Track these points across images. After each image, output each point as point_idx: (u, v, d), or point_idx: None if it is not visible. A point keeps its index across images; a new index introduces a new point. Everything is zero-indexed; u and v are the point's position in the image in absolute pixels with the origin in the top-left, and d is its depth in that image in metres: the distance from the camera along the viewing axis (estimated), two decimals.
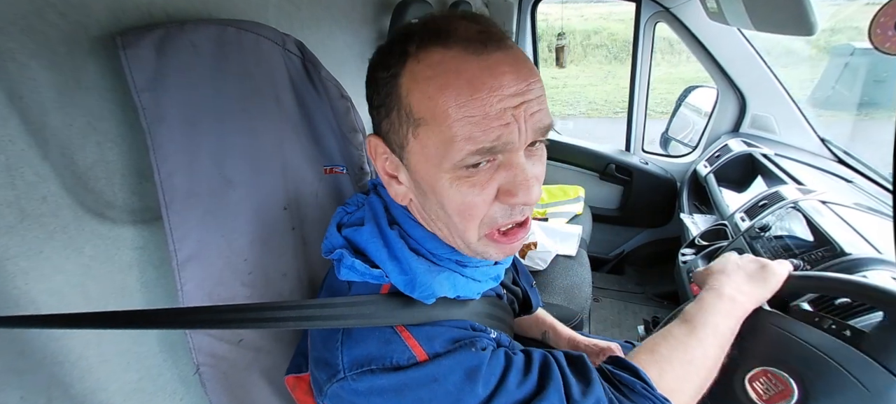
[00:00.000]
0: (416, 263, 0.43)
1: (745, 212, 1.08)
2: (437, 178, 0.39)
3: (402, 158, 0.41)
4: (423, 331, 0.42)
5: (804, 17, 0.82)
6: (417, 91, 0.37)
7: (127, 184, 0.52)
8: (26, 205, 0.43)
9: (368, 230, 0.45)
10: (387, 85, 0.39)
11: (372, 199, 0.48)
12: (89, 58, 0.47)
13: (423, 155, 0.39)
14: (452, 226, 0.42)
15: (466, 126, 0.36)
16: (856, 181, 1.15)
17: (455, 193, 0.39)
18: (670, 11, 1.57)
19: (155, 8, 0.53)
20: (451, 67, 0.36)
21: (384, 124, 0.41)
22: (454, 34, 0.37)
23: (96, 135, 0.49)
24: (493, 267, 0.50)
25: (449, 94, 0.36)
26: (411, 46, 0.38)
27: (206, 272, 0.54)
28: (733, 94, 1.55)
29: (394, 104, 0.39)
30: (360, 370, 0.39)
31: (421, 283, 0.42)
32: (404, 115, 0.39)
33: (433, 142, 0.38)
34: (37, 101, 0.43)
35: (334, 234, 0.47)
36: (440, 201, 0.40)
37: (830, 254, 0.77)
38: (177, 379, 0.59)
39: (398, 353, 0.39)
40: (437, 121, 0.37)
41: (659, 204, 1.77)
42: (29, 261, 0.43)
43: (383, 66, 0.40)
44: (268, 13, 0.72)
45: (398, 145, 0.41)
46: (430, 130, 0.37)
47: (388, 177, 0.44)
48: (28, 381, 0.45)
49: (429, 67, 0.37)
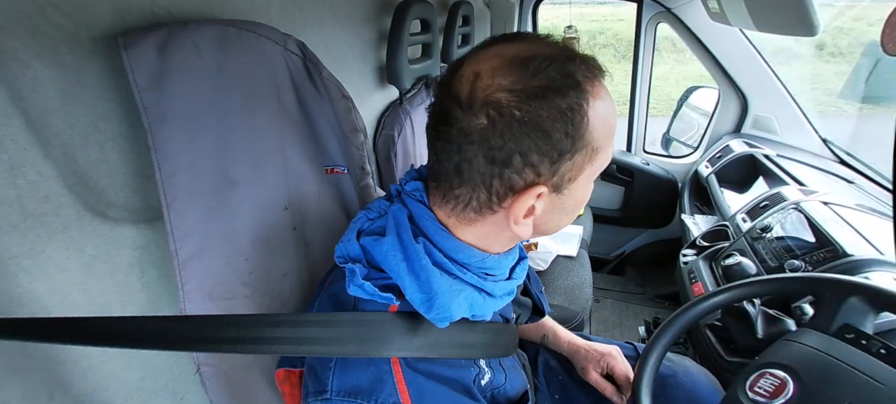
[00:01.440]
0: (439, 281, 0.41)
1: (746, 213, 1.08)
2: (588, 188, 0.44)
3: (562, 190, 0.41)
4: (417, 382, 0.41)
5: (806, 17, 0.82)
6: (603, 124, 0.39)
7: (128, 183, 0.52)
8: (28, 205, 0.43)
9: (389, 242, 0.42)
10: (576, 129, 0.37)
11: (395, 209, 0.45)
12: (91, 57, 0.47)
13: (591, 175, 0.42)
14: (569, 219, 0.46)
15: (613, 136, 0.42)
16: (857, 182, 1.15)
17: (591, 188, 0.44)
18: (672, 12, 1.57)
19: (157, 8, 0.53)
20: (608, 96, 0.40)
21: (563, 167, 0.39)
22: (598, 66, 0.40)
23: (98, 135, 0.49)
24: (506, 282, 0.48)
25: (613, 117, 0.41)
26: (586, 83, 0.38)
27: (207, 271, 0.54)
28: (735, 95, 1.55)
29: (581, 144, 0.38)
30: (345, 399, 0.39)
31: (440, 304, 0.40)
32: (589, 150, 0.40)
33: (602, 159, 0.42)
34: (39, 101, 0.43)
35: (352, 242, 0.45)
36: (576, 205, 0.44)
37: (832, 256, 0.77)
38: (178, 378, 0.59)
39: (385, 396, 0.39)
40: (608, 141, 0.41)
41: (660, 204, 1.77)
42: (31, 260, 0.43)
43: (570, 110, 0.37)
44: (270, 13, 0.72)
45: (570, 180, 0.40)
46: (604, 151, 0.41)
47: (524, 220, 0.41)
48: (30, 379, 0.45)
49: (603, 100, 0.39)
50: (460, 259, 0.43)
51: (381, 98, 1.17)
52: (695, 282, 0.97)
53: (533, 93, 0.36)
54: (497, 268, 0.46)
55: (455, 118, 0.38)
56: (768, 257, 0.88)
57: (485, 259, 0.44)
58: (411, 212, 0.44)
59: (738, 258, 0.91)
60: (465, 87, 0.38)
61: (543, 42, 0.39)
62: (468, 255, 0.44)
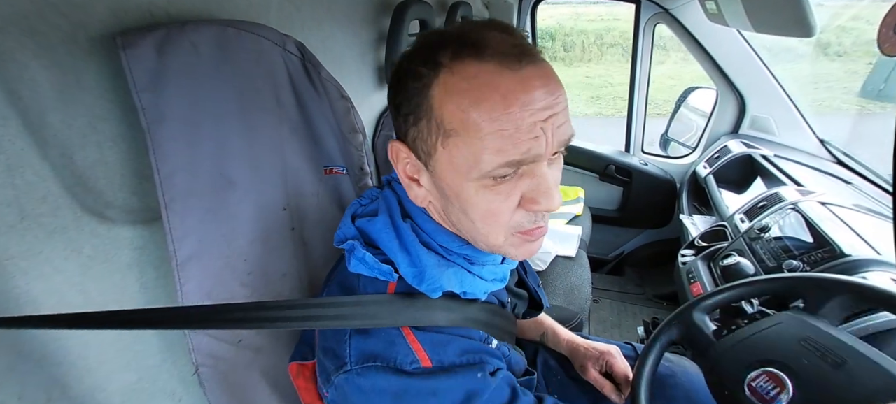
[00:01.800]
0: (427, 257, 0.44)
1: (744, 214, 1.08)
2: (463, 187, 0.39)
3: (426, 164, 0.42)
4: (429, 337, 0.42)
5: (803, 18, 0.82)
6: (451, 103, 0.37)
7: (127, 184, 0.52)
8: (26, 205, 0.43)
9: (381, 221, 0.46)
10: (418, 94, 0.39)
11: (386, 193, 0.49)
12: (89, 58, 0.47)
13: (451, 164, 0.39)
14: (476, 230, 0.42)
15: (498, 139, 0.36)
16: (855, 182, 1.15)
17: (481, 201, 0.40)
18: (670, 12, 1.57)
19: (156, 8, 0.53)
20: (486, 81, 0.36)
21: (411, 131, 0.41)
22: (489, 46, 0.37)
23: (96, 135, 0.49)
24: (499, 266, 0.50)
25: (483, 109, 0.36)
26: (444, 57, 0.38)
27: (205, 272, 0.54)
28: (732, 96, 1.55)
29: (424, 113, 0.39)
30: (365, 364, 0.40)
31: (429, 276, 0.43)
32: (435, 125, 0.39)
33: (463, 152, 0.38)
34: (37, 101, 0.43)
35: (348, 224, 0.48)
36: (464, 208, 0.41)
37: (830, 256, 0.77)
38: (176, 379, 0.59)
39: (402, 355, 0.40)
40: (468, 133, 0.37)
41: (658, 205, 1.77)
42: (28, 260, 0.43)
43: (414, 75, 0.39)
44: (269, 14, 0.72)
45: (424, 152, 0.41)
46: (461, 141, 0.38)
47: (409, 180, 0.44)
48: (27, 381, 0.45)
49: (463, 80, 0.37)
50: (442, 242, 0.46)
51: (380, 99, 1.17)
52: (693, 283, 0.97)
53: (404, 54, 0.42)
54: (479, 256, 0.48)
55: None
56: (766, 257, 0.89)
57: (464, 245, 0.46)
58: (399, 196, 0.48)
59: (737, 258, 0.91)
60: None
61: (464, 25, 0.41)
62: (448, 240, 0.46)
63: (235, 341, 0.60)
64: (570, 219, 1.59)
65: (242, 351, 0.61)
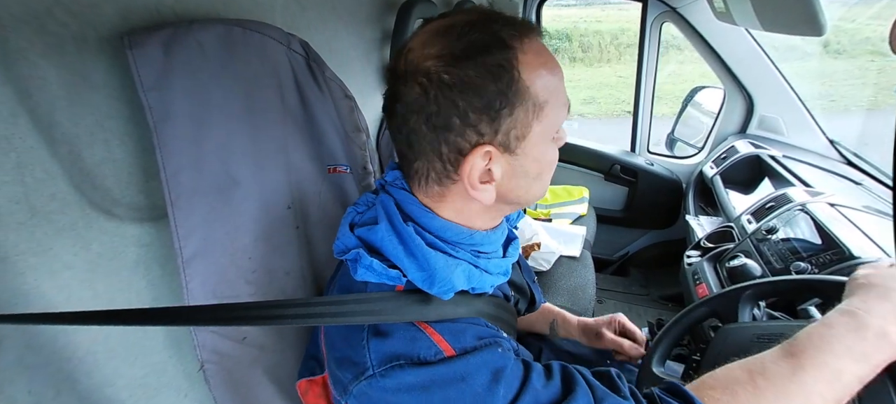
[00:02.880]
0: (434, 258, 0.42)
1: (751, 214, 1.07)
2: (548, 150, 0.45)
3: (516, 150, 0.42)
4: (445, 327, 0.42)
5: (814, 17, 0.81)
6: (538, 79, 0.41)
7: (134, 181, 0.53)
8: (35, 202, 0.43)
9: (383, 228, 0.44)
10: (509, 86, 0.39)
11: (383, 198, 0.47)
12: (98, 57, 0.48)
13: (543, 135, 0.43)
14: (541, 187, 0.46)
15: (564, 94, 0.44)
16: (865, 183, 1.13)
17: (552, 152, 0.45)
18: (677, 11, 1.56)
19: (163, 7, 0.54)
20: (546, 51, 0.42)
21: (505, 124, 0.40)
22: (528, 25, 0.42)
23: (104, 134, 0.49)
24: (502, 260, 0.50)
25: (556, 74, 0.42)
26: (512, 40, 0.40)
27: (210, 269, 0.55)
28: (740, 95, 1.53)
29: (519, 100, 0.40)
30: (388, 366, 0.39)
31: (440, 279, 0.42)
32: (531, 105, 0.41)
33: (551, 119, 0.43)
34: (46, 100, 0.43)
35: (347, 235, 0.46)
36: (541, 171, 0.45)
37: (838, 258, 0.76)
38: (182, 375, 0.60)
39: (425, 349, 0.39)
40: (555, 98, 0.42)
41: (664, 205, 1.76)
42: (38, 257, 0.44)
43: (496, 66, 0.38)
44: (274, 13, 0.72)
45: (518, 137, 0.41)
46: (551, 109, 0.42)
47: (481, 185, 0.42)
48: (36, 375, 0.46)
49: (538, 55, 0.41)
50: (449, 237, 0.45)
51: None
52: (699, 284, 0.96)
53: (458, 55, 0.38)
54: (487, 245, 0.47)
55: (397, 93, 0.41)
56: (774, 259, 0.88)
57: (472, 235, 0.46)
58: (396, 199, 0.46)
59: (743, 259, 0.90)
60: (401, 63, 0.41)
61: (470, 11, 0.43)
62: (456, 233, 0.45)
63: (240, 338, 0.60)
64: (574, 219, 1.58)
65: (247, 348, 0.61)
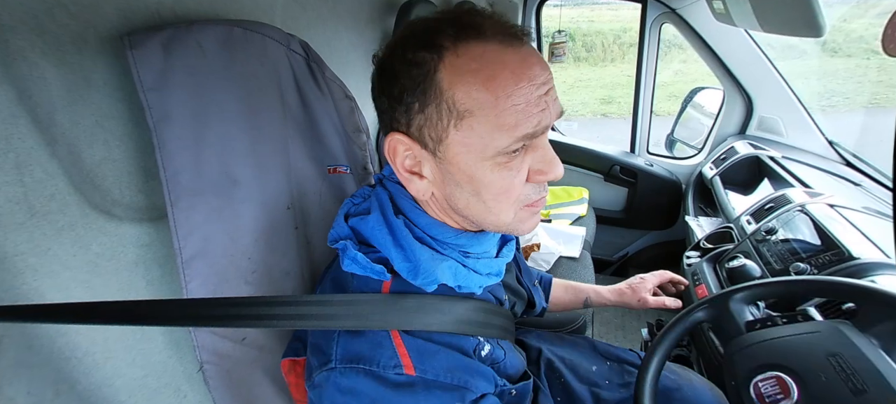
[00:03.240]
0: (421, 251, 0.44)
1: (751, 215, 1.07)
2: (478, 168, 0.40)
3: (435, 152, 0.41)
4: (416, 344, 0.42)
5: (812, 18, 0.81)
6: (462, 84, 0.38)
7: (133, 182, 0.53)
8: (35, 202, 0.43)
9: (374, 218, 0.46)
10: (423, 80, 0.39)
11: (378, 191, 0.49)
12: (98, 57, 0.48)
13: (465, 146, 0.40)
14: (486, 210, 0.43)
15: (513, 115, 0.38)
16: (864, 184, 1.14)
17: (496, 179, 0.41)
18: (676, 12, 1.56)
19: (163, 8, 0.54)
20: (494, 59, 0.38)
21: (416, 119, 0.40)
22: (488, 28, 0.38)
23: (104, 134, 0.49)
24: (493, 260, 0.50)
25: (497, 85, 0.37)
26: (445, 40, 0.38)
27: (210, 270, 0.55)
28: (740, 96, 1.54)
29: (432, 99, 0.39)
30: (348, 365, 0.40)
31: (424, 270, 0.43)
32: (446, 109, 0.39)
33: (478, 132, 0.39)
34: (46, 100, 0.43)
35: (341, 224, 0.48)
36: (477, 190, 0.41)
37: (838, 259, 0.76)
38: (181, 375, 0.60)
39: (386, 358, 0.40)
40: (483, 111, 0.38)
41: (664, 206, 1.76)
42: (37, 257, 0.44)
43: (415, 62, 0.39)
44: (274, 13, 0.72)
45: (433, 139, 0.41)
46: (476, 121, 0.38)
47: (409, 174, 0.44)
48: (36, 375, 0.45)
49: (472, 60, 0.38)
50: (435, 235, 0.46)
51: None
52: (698, 285, 0.96)
53: (394, 44, 0.41)
54: (474, 247, 0.48)
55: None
56: (773, 260, 0.88)
57: (458, 236, 0.46)
58: (391, 193, 0.48)
59: (743, 260, 0.90)
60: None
61: (452, 11, 0.42)
62: (441, 232, 0.46)
63: (239, 339, 0.60)
64: (574, 220, 1.58)
65: (246, 349, 0.61)
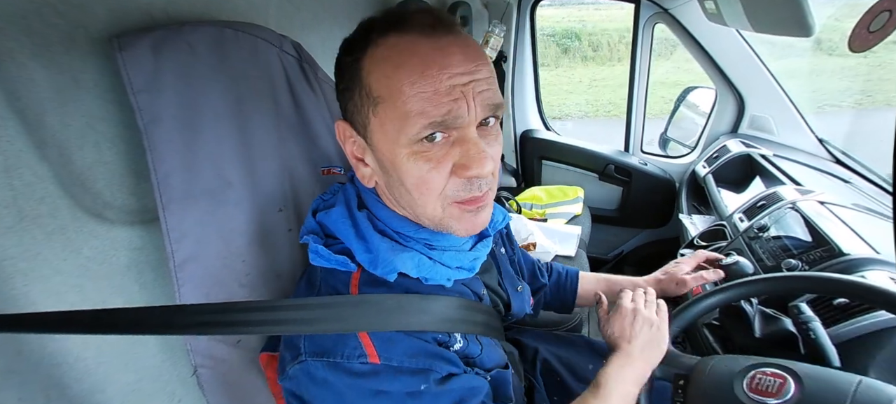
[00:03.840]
0: (380, 242, 0.46)
1: (743, 213, 1.08)
2: (396, 154, 0.42)
3: (366, 138, 0.44)
4: (380, 334, 0.43)
5: (802, 18, 0.82)
6: (376, 71, 0.41)
7: (125, 184, 0.52)
8: (24, 206, 0.43)
9: (337, 212, 0.48)
10: (350, 69, 0.43)
11: (347, 187, 0.52)
12: (88, 58, 0.47)
13: (383, 132, 0.42)
14: (413, 201, 0.44)
15: (419, 101, 0.39)
16: (854, 181, 1.15)
17: (413, 168, 0.42)
18: (669, 12, 1.57)
19: (154, 9, 0.53)
20: (406, 48, 0.40)
21: (349, 106, 0.45)
22: (410, 21, 0.41)
23: (94, 136, 0.49)
24: (465, 253, 0.51)
25: (403, 72, 0.39)
26: (373, 34, 0.42)
27: (203, 273, 0.54)
28: (732, 95, 1.55)
29: (356, 86, 0.43)
30: (316, 357, 0.42)
31: (383, 260, 0.45)
32: (364, 95, 0.42)
33: (390, 117, 0.41)
34: (35, 101, 0.43)
35: (309, 219, 0.51)
36: (400, 177, 0.43)
37: (828, 255, 0.77)
38: (175, 380, 0.59)
39: (350, 349, 0.41)
40: (393, 97, 0.40)
41: (658, 204, 1.77)
42: (27, 262, 0.43)
43: (348, 52, 0.44)
44: (267, 14, 0.72)
45: (361, 125, 0.44)
46: (388, 107, 0.41)
47: (356, 160, 0.47)
48: (26, 382, 0.45)
49: (386, 49, 0.41)
50: (396, 228, 0.48)
51: None
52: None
53: (347, 38, 0.45)
54: (438, 240, 0.49)
55: None
56: (765, 256, 0.89)
57: (418, 230, 0.48)
58: (358, 188, 0.51)
59: (736, 257, 0.91)
60: None
61: (392, 8, 0.45)
62: (401, 225, 0.48)
63: (234, 342, 0.60)
64: (569, 219, 1.59)
65: (241, 352, 0.61)
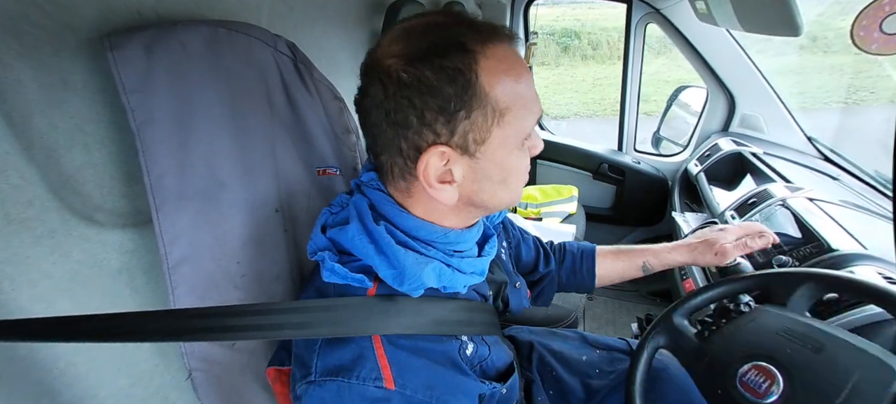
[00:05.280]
0: (404, 256, 0.43)
1: (735, 210, 1.10)
2: (512, 156, 0.44)
3: (475, 154, 0.42)
4: (398, 357, 0.42)
5: (791, 18, 0.84)
6: (499, 85, 0.41)
7: (116, 187, 0.51)
8: (11, 209, 0.42)
9: (354, 228, 0.45)
10: (465, 89, 0.39)
11: (356, 199, 0.48)
12: (76, 59, 0.46)
13: (504, 140, 0.43)
14: (508, 194, 0.47)
15: (533, 103, 0.44)
16: (841, 178, 1.18)
17: (520, 163, 0.46)
18: (660, 12, 1.59)
19: (145, 8, 0.53)
20: (512, 58, 0.42)
21: (461, 127, 0.41)
22: (495, 30, 0.42)
23: (84, 138, 0.48)
24: (477, 259, 0.51)
25: (521, 82, 0.42)
26: (473, 45, 0.40)
27: (198, 275, 0.54)
28: (722, 94, 1.57)
29: (477, 104, 0.40)
30: (328, 378, 0.40)
31: (410, 275, 0.43)
32: (491, 110, 0.41)
33: (515, 126, 0.43)
34: (22, 103, 0.42)
35: (318, 236, 0.48)
36: (506, 178, 0.45)
37: (818, 251, 0.78)
38: (169, 384, 0.58)
39: (367, 370, 0.40)
40: (518, 105, 0.42)
41: (651, 202, 1.79)
42: (14, 266, 0.42)
43: (453, 70, 0.39)
44: (261, 14, 0.71)
45: (476, 141, 0.42)
46: (513, 116, 0.42)
47: (441, 185, 0.43)
48: (15, 388, 0.44)
49: (501, 62, 0.41)
50: (423, 236, 0.46)
51: None
52: (686, 279, 0.98)
53: (417, 56, 0.39)
54: (462, 244, 0.48)
55: (364, 89, 0.44)
56: (756, 253, 0.90)
57: (447, 233, 0.47)
58: (371, 200, 0.47)
59: (737, 259, 0.92)
60: (368, 59, 0.43)
61: (438, 14, 0.44)
62: (429, 232, 0.46)
63: (229, 345, 0.59)
64: (564, 218, 1.60)
65: (237, 354, 0.60)
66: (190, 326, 0.39)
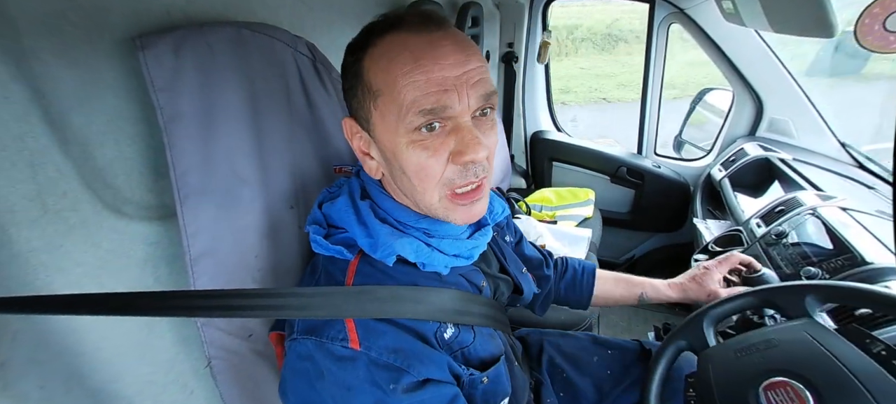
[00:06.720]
0: (380, 227, 0.49)
1: (761, 218, 1.05)
2: (397, 143, 0.44)
3: (370, 132, 0.47)
4: (365, 322, 0.44)
5: (824, 18, 0.80)
6: (374, 66, 0.44)
7: (144, 180, 0.54)
8: (47, 200, 0.44)
9: (342, 202, 0.51)
10: (353, 68, 0.46)
11: (352, 180, 0.55)
12: (110, 58, 0.48)
13: (384, 123, 0.45)
14: (413, 189, 0.47)
15: (412, 91, 0.42)
16: (878, 187, 1.11)
17: (412, 156, 0.44)
18: (685, 12, 1.54)
19: (174, 10, 0.55)
20: (399, 43, 0.43)
21: (353, 103, 0.48)
22: (404, 20, 0.44)
23: (115, 133, 0.50)
24: (463, 241, 0.52)
25: (397, 65, 0.42)
26: (373, 35, 0.45)
27: (218, 268, 0.55)
28: (749, 97, 1.51)
29: (358, 83, 0.46)
30: (304, 335, 0.45)
31: (382, 243, 0.47)
32: (366, 90, 0.45)
33: (389, 109, 0.43)
34: (59, 99, 0.44)
35: (314, 210, 0.54)
36: (402, 166, 0.45)
37: (850, 263, 0.74)
38: (189, 371, 0.60)
39: (335, 331, 0.43)
40: (390, 89, 0.43)
41: (671, 208, 1.74)
42: (49, 254, 0.45)
43: (351, 53, 0.47)
44: (281, 15, 0.73)
45: (365, 120, 0.47)
46: (386, 99, 0.44)
47: (362, 154, 0.50)
48: (48, 371, 0.46)
49: (383, 46, 0.44)
50: (398, 217, 0.51)
51: None
52: None
53: (352, 41, 0.48)
54: (437, 229, 0.51)
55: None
56: (783, 264, 0.86)
57: (419, 219, 0.50)
58: (363, 181, 0.54)
59: (761, 270, 0.88)
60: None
61: (395, 10, 0.47)
62: (404, 214, 0.51)
63: (246, 335, 0.61)
64: (579, 222, 1.57)
65: (253, 344, 0.62)
66: (202, 305, 0.41)
